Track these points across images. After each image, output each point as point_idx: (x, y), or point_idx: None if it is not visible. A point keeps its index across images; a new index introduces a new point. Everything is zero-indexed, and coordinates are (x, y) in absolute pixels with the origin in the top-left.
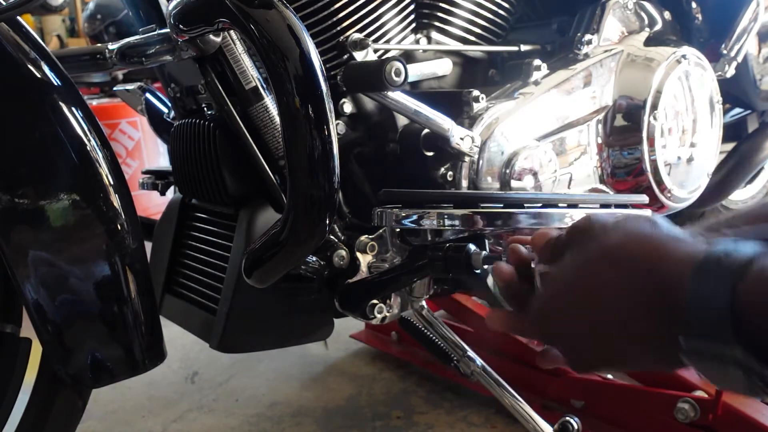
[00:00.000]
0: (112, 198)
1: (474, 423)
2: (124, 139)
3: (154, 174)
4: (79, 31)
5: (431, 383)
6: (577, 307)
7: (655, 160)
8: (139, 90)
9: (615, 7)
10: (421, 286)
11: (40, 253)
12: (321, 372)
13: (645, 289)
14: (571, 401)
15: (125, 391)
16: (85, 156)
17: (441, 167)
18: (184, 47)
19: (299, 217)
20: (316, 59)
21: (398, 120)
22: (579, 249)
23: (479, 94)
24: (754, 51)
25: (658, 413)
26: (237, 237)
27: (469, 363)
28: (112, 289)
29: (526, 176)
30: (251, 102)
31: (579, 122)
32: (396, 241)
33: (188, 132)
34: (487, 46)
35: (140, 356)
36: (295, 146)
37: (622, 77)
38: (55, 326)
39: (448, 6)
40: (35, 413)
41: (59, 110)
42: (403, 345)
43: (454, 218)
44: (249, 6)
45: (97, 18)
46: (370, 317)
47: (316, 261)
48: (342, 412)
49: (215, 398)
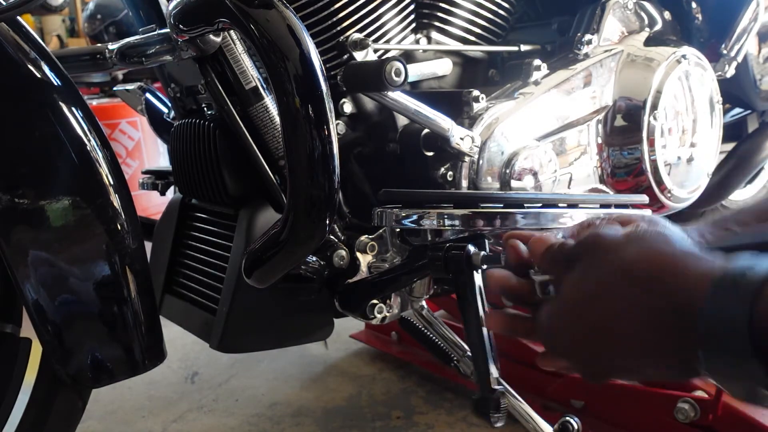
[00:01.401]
0: (112, 198)
1: (474, 423)
2: (124, 139)
3: (154, 174)
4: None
5: (431, 383)
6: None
7: (655, 160)
8: (139, 90)
9: (615, 7)
10: (421, 286)
11: (40, 253)
12: (321, 372)
13: (662, 306)
14: (571, 401)
15: (125, 391)
16: (85, 156)
17: (441, 167)
18: (184, 47)
19: (299, 217)
20: (316, 59)
21: (398, 120)
22: (590, 264)
23: (479, 94)
24: (754, 51)
25: (658, 413)
26: (237, 237)
27: (469, 363)
28: (112, 289)
29: (526, 176)
30: (251, 102)
31: (579, 122)
32: (396, 241)
33: (188, 132)
34: (487, 46)
35: (140, 356)
36: (295, 146)
37: (622, 77)
38: (55, 326)
39: (448, 6)
40: (35, 413)
41: (59, 110)
42: (403, 345)
43: (454, 218)
44: (249, 6)
45: (97, 18)
46: (370, 317)
47: (316, 261)
48: (342, 413)
49: (215, 398)
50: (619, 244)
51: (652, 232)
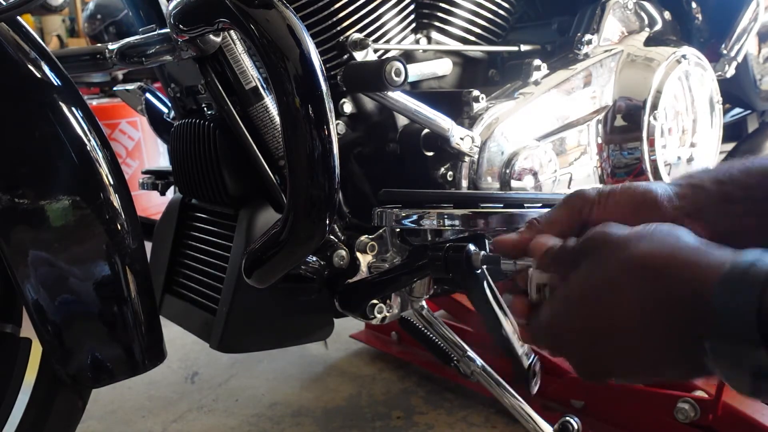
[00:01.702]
0: (112, 198)
1: (474, 423)
2: (124, 139)
3: (154, 174)
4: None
5: (431, 383)
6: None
7: (655, 160)
8: (139, 90)
9: (615, 7)
10: (421, 286)
11: (40, 253)
12: (321, 372)
13: (671, 300)
14: (571, 401)
15: (125, 391)
16: (85, 156)
17: (441, 167)
18: (184, 47)
19: (299, 217)
20: (316, 59)
21: (398, 120)
22: (597, 261)
23: (479, 94)
24: (754, 51)
25: (658, 413)
26: (237, 237)
27: (469, 363)
28: (112, 289)
29: (526, 176)
30: (251, 102)
31: (579, 122)
32: (396, 241)
33: (188, 132)
34: (487, 46)
35: (140, 356)
36: (295, 146)
37: (622, 77)
38: (55, 326)
39: (448, 6)
40: (35, 413)
41: (59, 110)
42: (403, 345)
43: (454, 218)
44: (249, 6)
45: (97, 18)
46: (370, 317)
47: (316, 261)
48: (342, 412)
49: (215, 398)
50: (626, 240)
51: (660, 229)
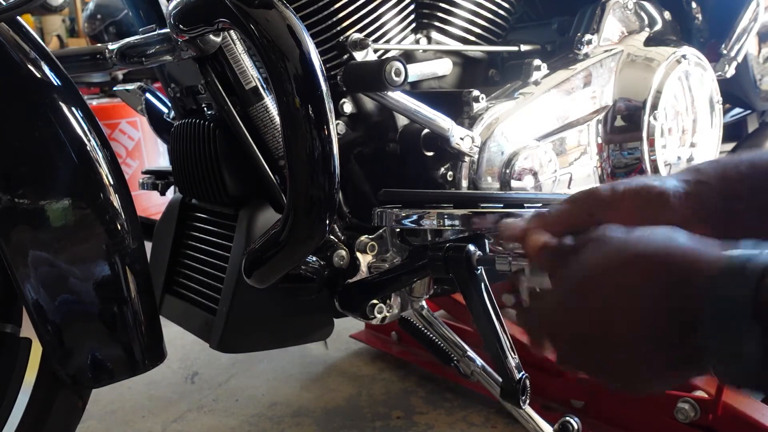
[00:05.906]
0: (112, 198)
1: (474, 423)
2: (124, 139)
3: (154, 174)
4: (79, 31)
5: (431, 383)
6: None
7: (655, 160)
8: (139, 90)
9: (615, 7)
10: (421, 286)
11: (40, 253)
12: (321, 372)
13: (668, 294)
14: (571, 401)
15: (125, 391)
16: (85, 156)
17: (441, 167)
18: (184, 47)
19: (299, 217)
20: (316, 59)
21: (398, 120)
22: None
23: (479, 94)
24: (754, 51)
25: (658, 413)
26: (237, 237)
27: (469, 363)
28: (112, 289)
29: (526, 176)
30: (251, 102)
31: (579, 122)
32: (396, 241)
33: (188, 132)
34: (487, 46)
35: (140, 356)
36: (295, 146)
37: (622, 77)
38: (55, 326)
39: (448, 6)
40: (35, 413)
41: (59, 110)
42: (403, 345)
43: (454, 218)
44: (249, 6)
45: (97, 18)
46: (370, 317)
47: (316, 261)
48: (342, 413)
49: (215, 398)
50: (625, 240)
51: (658, 230)
